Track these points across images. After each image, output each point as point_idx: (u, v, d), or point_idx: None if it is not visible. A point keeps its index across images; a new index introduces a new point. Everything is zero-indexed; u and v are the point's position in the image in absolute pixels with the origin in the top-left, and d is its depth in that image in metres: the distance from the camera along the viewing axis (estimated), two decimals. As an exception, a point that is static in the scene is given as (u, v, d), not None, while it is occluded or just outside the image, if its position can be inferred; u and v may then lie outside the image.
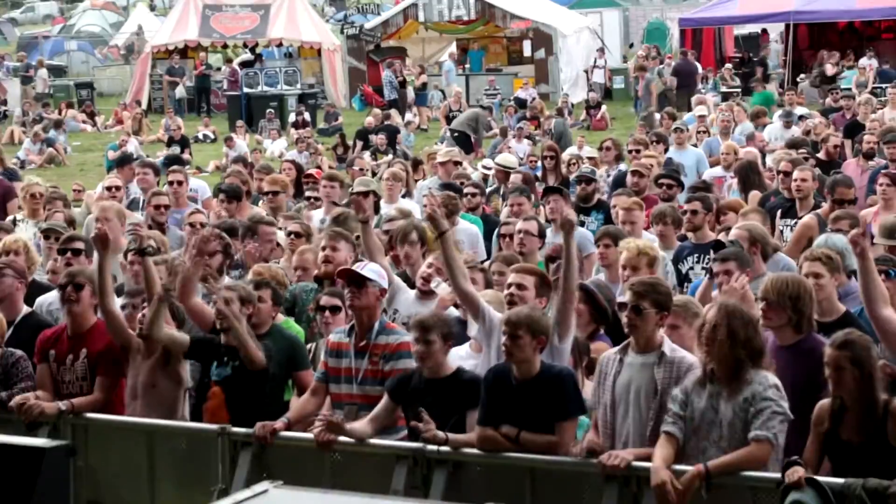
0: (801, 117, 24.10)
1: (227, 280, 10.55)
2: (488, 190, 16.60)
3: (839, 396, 7.49)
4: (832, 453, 7.51)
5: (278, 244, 12.14)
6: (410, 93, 41.32)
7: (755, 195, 15.02)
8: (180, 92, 43.49)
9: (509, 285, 9.17)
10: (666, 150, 18.45)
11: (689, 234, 12.38)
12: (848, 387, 7.43)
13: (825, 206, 13.05)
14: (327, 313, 9.69)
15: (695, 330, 7.91)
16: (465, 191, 14.71)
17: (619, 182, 15.89)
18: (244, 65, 43.99)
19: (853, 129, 20.49)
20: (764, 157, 18.64)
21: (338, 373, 8.94)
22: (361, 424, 8.50)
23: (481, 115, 27.90)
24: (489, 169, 18.88)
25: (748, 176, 15.61)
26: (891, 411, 7.41)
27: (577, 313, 8.96)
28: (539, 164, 18.91)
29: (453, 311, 9.79)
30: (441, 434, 8.18)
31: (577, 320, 8.94)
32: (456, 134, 30.11)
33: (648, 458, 7.64)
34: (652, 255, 10.12)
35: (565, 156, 18.44)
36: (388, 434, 8.56)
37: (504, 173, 16.58)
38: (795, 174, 13.61)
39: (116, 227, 12.34)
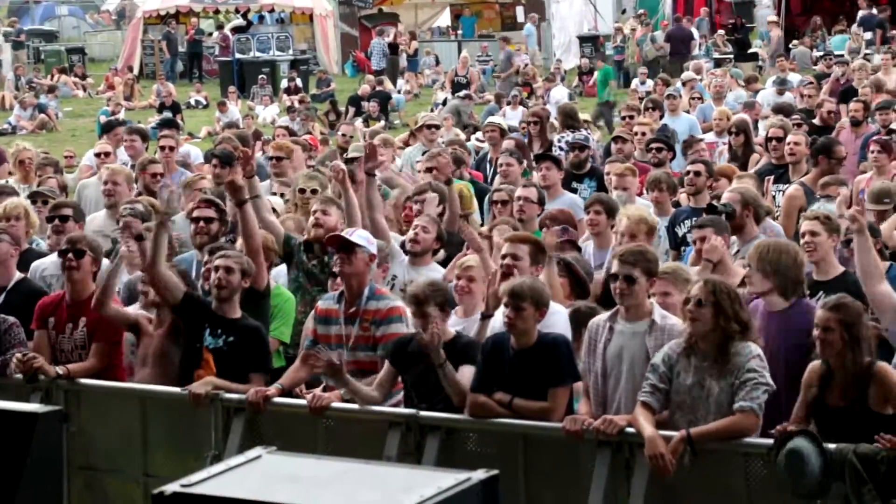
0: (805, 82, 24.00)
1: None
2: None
3: (826, 361, 7.51)
4: (817, 418, 7.53)
5: (274, 209, 12.13)
6: (403, 59, 41.24)
7: (755, 158, 15.06)
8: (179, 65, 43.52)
9: (504, 256, 9.15)
10: (661, 117, 18.44)
11: (688, 198, 12.38)
12: (835, 348, 7.44)
13: (811, 172, 13.04)
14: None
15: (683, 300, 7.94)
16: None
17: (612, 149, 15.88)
18: (236, 30, 43.87)
19: (848, 95, 20.47)
20: (756, 124, 18.64)
21: (327, 339, 8.93)
22: (370, 390, 8.51)
23: (462, 107, 27.80)
24: (483, 141, 18.80)
25: (748, 131, 15.71)
26: (873, 375, 7.44)
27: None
28: (529, 130, 18.83)
29: (441, 273, 9.80)
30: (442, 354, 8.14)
31: (558, 293, 8.97)
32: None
33: (639, 425, 7.67)
34: (651, 224, 10.10)
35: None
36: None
37: (500, 132, 16.43)
38: (789, 138, 13.60)
39: (124, 191, 12.40)
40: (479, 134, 21.16)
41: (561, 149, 16.21)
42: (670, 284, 8.40)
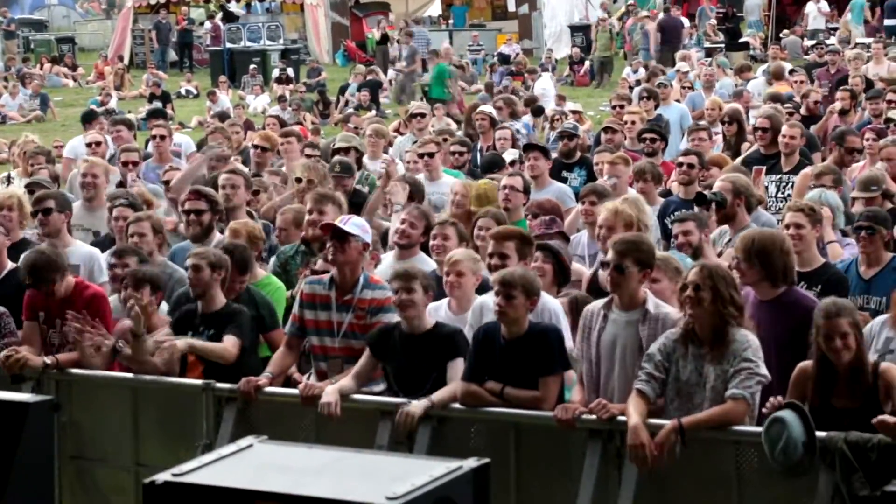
0: (791, 71, 24.00)
1: (217, 238, 10.51)
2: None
3: (829, 364, 7.47)
4: (825, 422, 7.39)
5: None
6: (396, 49, 41.17)
7: (747, 147, 15.09)
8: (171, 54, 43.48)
9: (491, 255, 9.13)
10: (657, 107, 18.46)
11: (678, 189, 12.39)
12: (852, 351, 7.41)
13: (833, 155, 13.14)
14: None
15: (675, 285, 7.95)
16: (452, 149, 14.55)
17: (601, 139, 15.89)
18: (226, 20, 43.82)
19: (842, 85, 20.46)
20: (748, 112, 18.65)
21: (316, 325, 8.87)
22: (346, 381, 8.51)
23: (406, 81, 27.58)
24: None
25: (741, 120, 15.74)
26: (880, 374, 7.43)
27: (540, 272, 8.95)
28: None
29: (430, 264, 9.80)
30: (421, 404, 8.16)
31: (541, 280, 8.97)
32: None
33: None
34: (628, 218, 9.86)
35: (549, 112, 18.40)
36: (365, 386, 8.60)
37: (490, 121, 16.37)
38: (784, 130, 13.54)
39: (102, 184, 12.35)
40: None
41: (518, 132, 16.29)
42: (660, 272, 8.39)
